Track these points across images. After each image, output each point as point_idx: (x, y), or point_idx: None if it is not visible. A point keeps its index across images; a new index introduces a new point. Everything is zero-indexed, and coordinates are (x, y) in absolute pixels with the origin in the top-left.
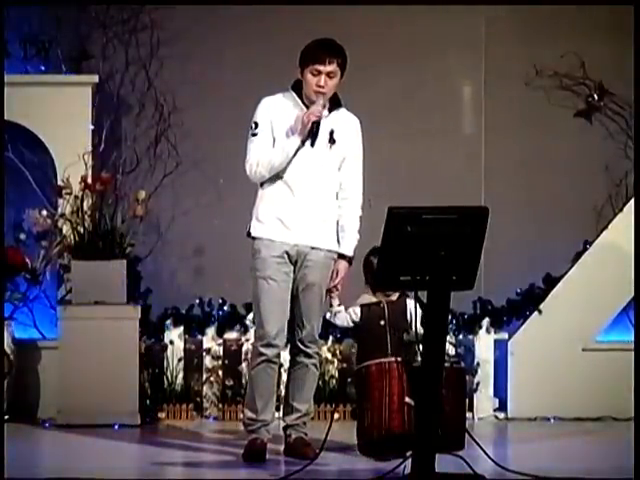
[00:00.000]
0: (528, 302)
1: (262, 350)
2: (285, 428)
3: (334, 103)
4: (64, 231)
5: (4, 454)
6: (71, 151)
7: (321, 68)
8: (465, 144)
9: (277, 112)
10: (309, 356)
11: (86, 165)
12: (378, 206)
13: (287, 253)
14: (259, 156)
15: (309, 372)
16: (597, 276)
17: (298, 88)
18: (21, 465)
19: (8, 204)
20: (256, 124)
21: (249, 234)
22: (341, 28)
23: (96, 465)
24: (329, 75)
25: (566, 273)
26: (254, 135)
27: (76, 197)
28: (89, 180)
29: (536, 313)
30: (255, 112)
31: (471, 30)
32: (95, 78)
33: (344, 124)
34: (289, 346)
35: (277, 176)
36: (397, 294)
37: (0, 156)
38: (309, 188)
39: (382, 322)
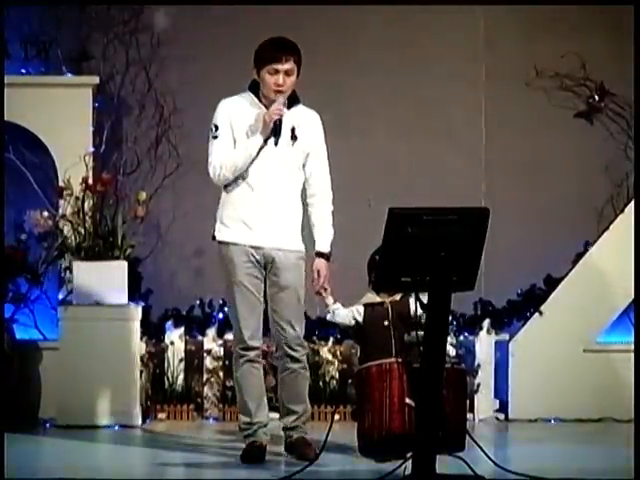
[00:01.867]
0: (529, 303)
1: (242, 352)
2: (285, 429)
3: (293, 100)
4: (65, 232)
5: (4, 454)
6: (72, 152)
7: (279, 67)
8: (465, 145)
9: (236, 113)
10: (297, 360)
11: (87, 166)
12: (378, 207)
13: (254, 256)
14: (222, 159)
15: (299, 376)
16: (598, 277)
17: (255, 88)
18: (21, 465)
19: (9, 205)
20: (216, 127)
21: (214, 237)
22: (341, 29)
23: (96, 466)
24: (287, 73)
25: (567, 274)
26: (215, 138)
27: (77, 198)
28: (90, 181)
29: (537, 314)
30: (214, 115)
31: (471, 30)
32: (96, 79)
33: (305, 120)
34: (276, 350)
35: (240, 177)
36: (401, 294)
37: (0, 156)
38: (272, 188)
39: (386, 322)
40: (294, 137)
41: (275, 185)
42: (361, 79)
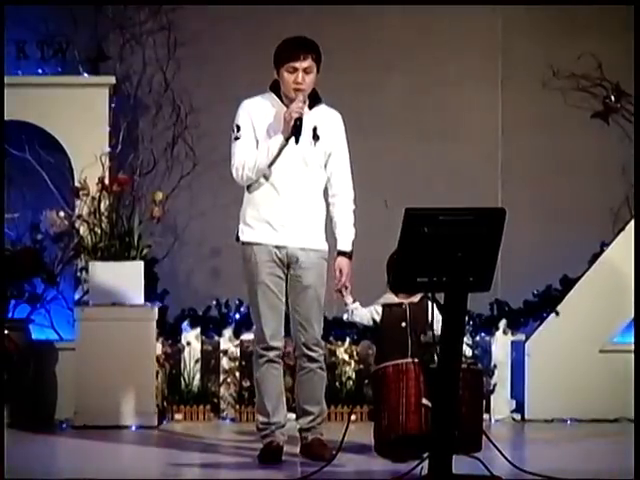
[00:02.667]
0: (545, 303)
1: (262, 352)
2: (300, 431)
3: (314, 99)
4: (81, 232)
5: (4, 454)
6: (88, 152)
7: (297, 65)
8: (482, 145)
9: (258, 114)
10: (314, 360)
11: (103, 166)
12: (395, 207)
13: (277, 256)
14: (244, 159)
15: (316, 376)
16: (614, 278)
17: (276, 88)
18: (38, 466)
19: (25, 205)
20: (238, 127)
21: (238, 239)
22: (356, 29)
23: (113, 466)
24: (305, 71)
25: (583, 274)
26: (237, 139)
27: (93, 198)
28: (106, 181)
29: (553, 314)
30: (236, 115)
31: (488, 31)
32: (112, 79)
33: (326, 120)
34: (294, 350)
35: (263, 178)
36: (419, 295)
37: (1, 156)
38: (295, 188)
39: (403, 324)
40: (316, 137)
41: (297, 185)
42: (377, 80)
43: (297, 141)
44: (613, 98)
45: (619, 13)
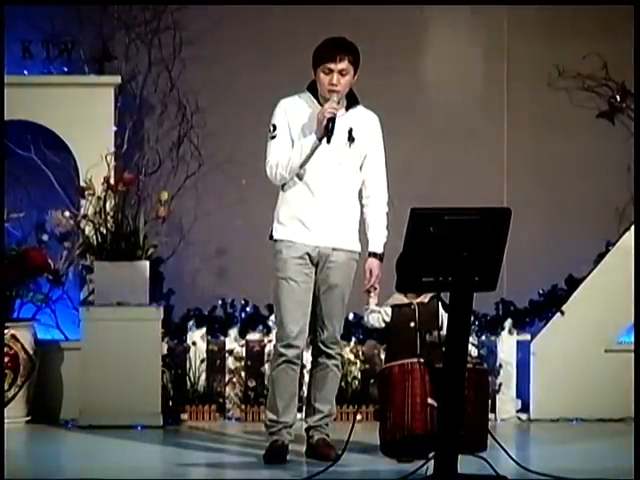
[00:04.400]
0: (550, 303)
1: (282, 351)
2: (307, 429)
3: (351, 101)
4: (87, 232)
5: (4, 454)
6: (94, 152)
7: (332, 66)
8: (487, 145)
9: (294, 113)
10: (331, 357)
11: (109, 166)
12: (401, 207)
13: (308, 254)
14: (278, 157)
15: (331, 373)
16: (619, 277)
17: (314, 88)
18: (43, 466)
19: (31, 205)
20: (274, 127)
21: (271, 237)
22: (362, 28)
23: (118, 466)
24: (341, 73)
25: (588, 274)
26: (273, 138)
27: (99, 198)
28: (112, 181)
29: (558, 314)
30: (273, 115)
31: (493, 30)
32: (118, 79)
33: (363, 121)
34: (311, 347)
35: (297, 177)
36: (429, 296)
37: (1, 156)
38: (329, 188)
39: (412, 324)
40: (351, 138)
41: (331, 185)
42: (382, 80)
43: (329, 141)
44: (618, 98)
45: (624, 13)
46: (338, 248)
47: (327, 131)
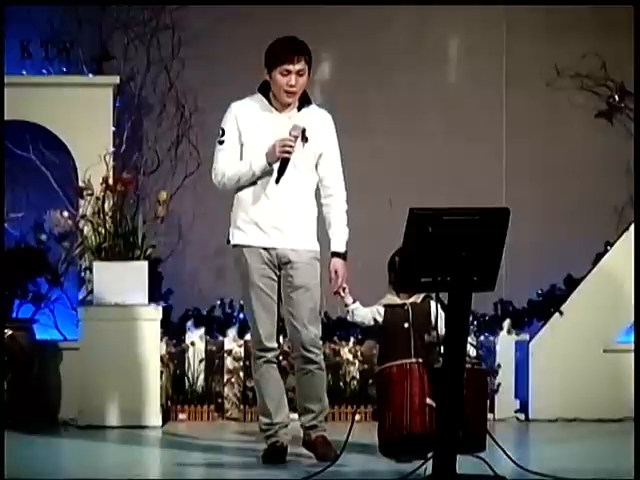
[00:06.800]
0: (549, 303)
1: (260, 354)
2: (304, 429)
3: (304, 100)
4: (85, 232)
5: (4, 454)
6: (92, 152)
7: (290, 67)
8: (486, 145)
9: (245, 117)
10: (312, 362)
11: (107, 166)
12: (399, 207)
13: (268, 258)
14: (225, 168)
15: (314, 376)
16: (618, 277)
17: (266, 90)
18: (43, 466)
19: (29, 205)
20: (223, 131)
21: (229, 242)
22: (362, 29)
23: (117, 466)
24: (299, 73)
25: (587, 274)
26: (221, 143)
27: (97, 198)
28: (110, 181)
29: (557, 314)
30: (223, 118)
31: (492, 31)
32: (116, 79)
33: (316, 121)
34: (292, 352)
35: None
36: (421, 296)
37: (1, 156)
38: (283, 191)
39: (406, 324)
40: (305, 138)
41: (286, 187)
42: (382, 80)
43: (277, 182)
44: (617, 98)
45: (623, 13)
46: (297, 249)
47: (279, 168)
